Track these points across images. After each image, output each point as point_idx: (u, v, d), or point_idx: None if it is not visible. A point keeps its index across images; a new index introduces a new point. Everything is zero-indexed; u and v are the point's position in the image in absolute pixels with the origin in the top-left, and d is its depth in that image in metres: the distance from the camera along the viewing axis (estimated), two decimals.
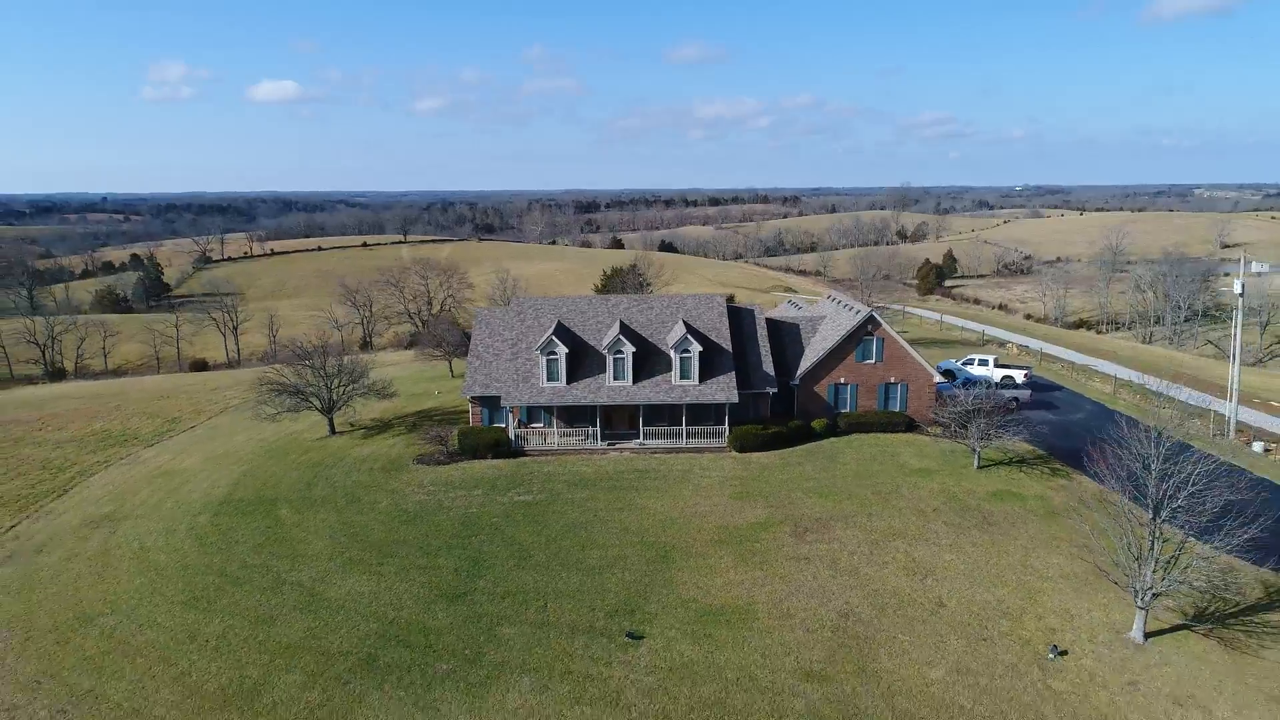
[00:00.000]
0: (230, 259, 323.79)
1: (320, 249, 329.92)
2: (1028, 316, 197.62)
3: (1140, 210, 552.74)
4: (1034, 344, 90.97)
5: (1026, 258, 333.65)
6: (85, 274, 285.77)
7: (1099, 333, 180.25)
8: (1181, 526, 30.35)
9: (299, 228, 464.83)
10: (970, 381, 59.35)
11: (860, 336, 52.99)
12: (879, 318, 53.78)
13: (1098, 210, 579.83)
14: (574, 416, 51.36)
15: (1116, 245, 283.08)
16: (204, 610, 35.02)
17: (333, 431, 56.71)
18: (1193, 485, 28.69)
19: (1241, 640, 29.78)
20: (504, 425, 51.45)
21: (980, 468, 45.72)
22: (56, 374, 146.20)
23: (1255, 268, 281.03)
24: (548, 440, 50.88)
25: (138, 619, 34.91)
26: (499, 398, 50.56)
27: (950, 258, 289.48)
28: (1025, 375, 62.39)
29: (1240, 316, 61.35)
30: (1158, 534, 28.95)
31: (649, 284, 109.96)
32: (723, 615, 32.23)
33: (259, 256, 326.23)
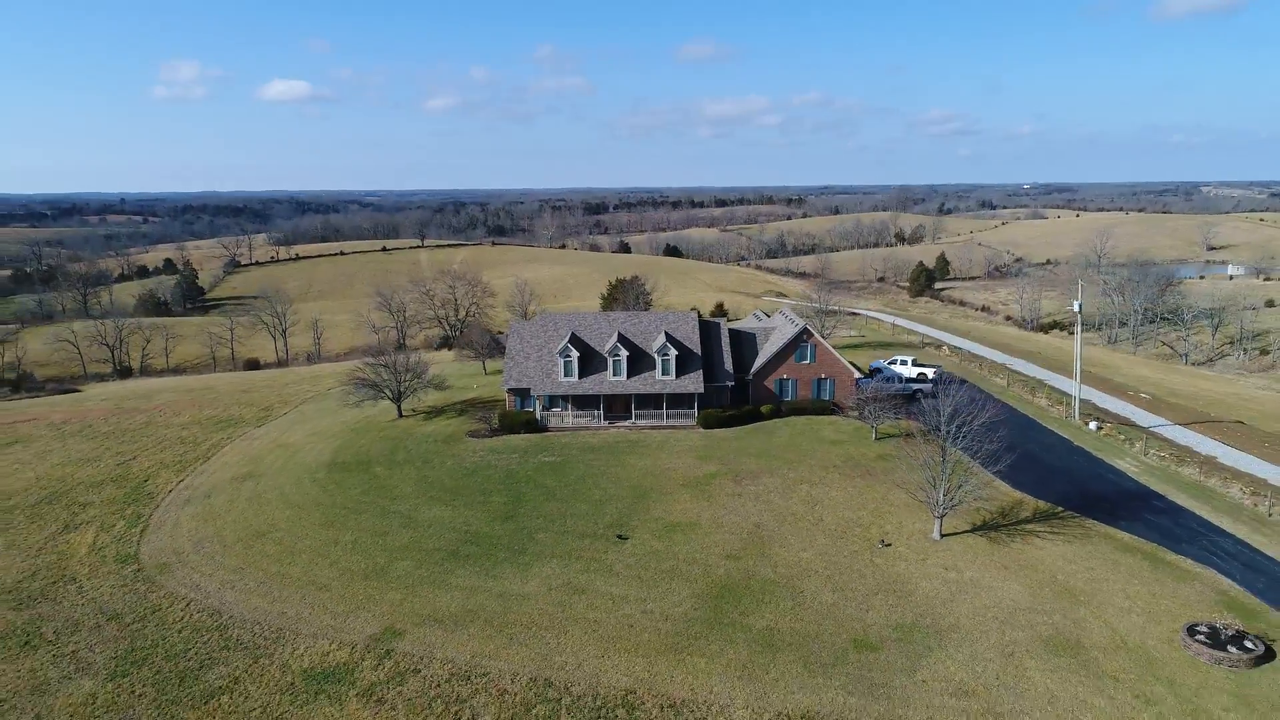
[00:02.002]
0: (258, 263, 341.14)
1: (342, 253, 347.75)
2: (1008, 318, 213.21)
3: (1141, 210, 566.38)
4: (969, 346, 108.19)
5: (1017, 260, 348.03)
6: (122, 277, 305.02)
7: (1070, 333, 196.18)
8: (975, 457, 48.03)
9: (316, 230, 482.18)
10: (888, 378, 76.76)
11: (798, 343, 70.54)
12: (811, 329, 71.39)
13: (1099, 210, 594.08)
14: (584, 403, 69.09)
15: (1100, 248, 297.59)
16: (338, 529, 52.90)
17: (400, 415, 74.55)
18: (964, 438, 46.24)
19: (1002, 539, 47.26)
20: (532, 409, 69.24)
21: (877, 439, 63.18)
22: (124, 372, 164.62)
23: (1230, 270, 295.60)
24: (564, 420, 68.71)
25: (294, 534, 52.81)
26: (529, 389, 68.44)
27: (943, 260, 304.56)
28: (935, 372, 79.68)
29: (1080, 329, 78.22)
30: (945, 468, 46.43)
31: (649, 293, 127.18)
32: (679, 527, 49.94)
33: (285, 261, 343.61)
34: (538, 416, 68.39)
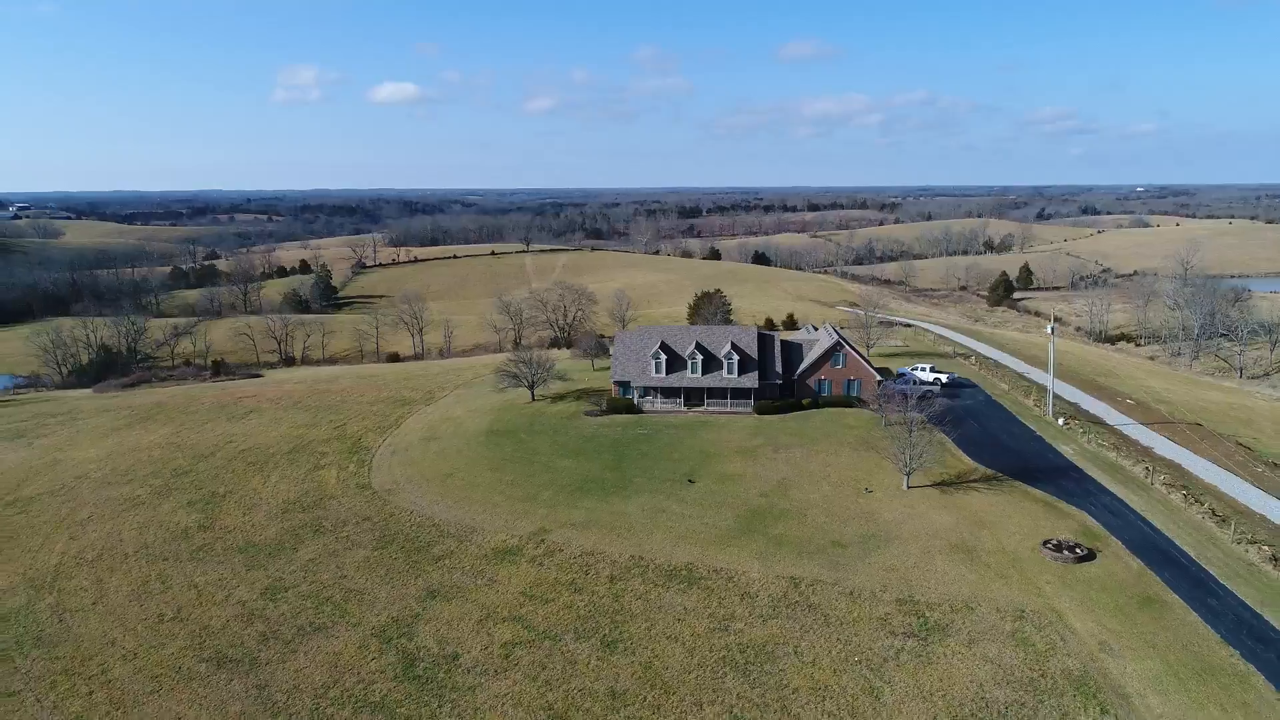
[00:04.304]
0: (381, 265, 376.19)
1: (455, 257, 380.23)
2: (1077, 329, 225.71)
3: (1253, 218, 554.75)
4: (997, 355, 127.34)
5: (1105, 270, 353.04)
6: (264, 275, 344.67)
7: (1137, 344, 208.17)
8: (942, 429, 69.86)
9: (425, 231, 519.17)
10: (909, 381, 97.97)
11: (833, 352, 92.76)
12: (844, 341, 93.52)
13: (1207, 218, 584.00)
14: (669, 393, 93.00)
15: (1186, 261, 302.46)
16: (501, 472, 78.29)
17: (533, 399, 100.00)
18: (926, 419, 68.13)
19: (950, 490, 68.90)
20: (631, 397, 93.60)
21: (886, 426, 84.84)
22: (288, 360, 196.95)
23: None
24: (655, 405, 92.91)
25: (471, 475, 78.47)
26: (629, 382, 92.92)
27: (1026, 270, 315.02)
28: (948, 378, 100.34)
29: (1054, 348, 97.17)
30: (910, 438, 68.34)
31: (728, 304, 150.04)
32: (730, 477, 73.42)
33: (404, 263, 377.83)
34: (635, 402, 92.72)
